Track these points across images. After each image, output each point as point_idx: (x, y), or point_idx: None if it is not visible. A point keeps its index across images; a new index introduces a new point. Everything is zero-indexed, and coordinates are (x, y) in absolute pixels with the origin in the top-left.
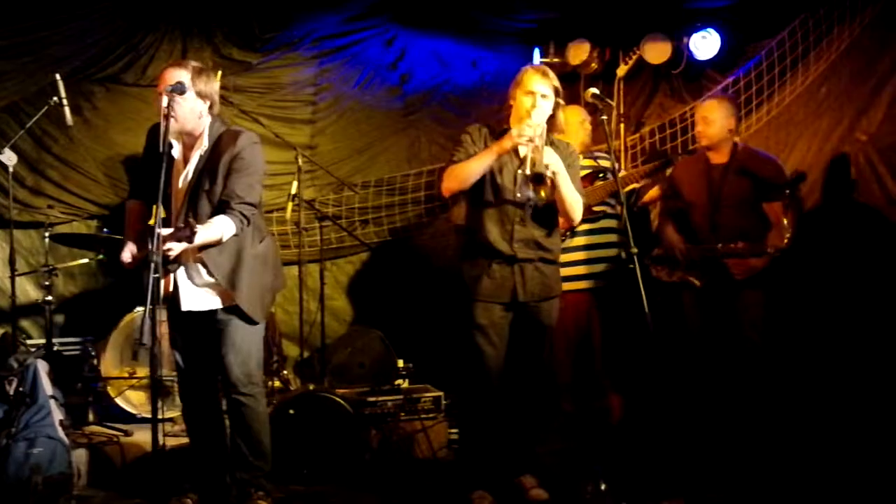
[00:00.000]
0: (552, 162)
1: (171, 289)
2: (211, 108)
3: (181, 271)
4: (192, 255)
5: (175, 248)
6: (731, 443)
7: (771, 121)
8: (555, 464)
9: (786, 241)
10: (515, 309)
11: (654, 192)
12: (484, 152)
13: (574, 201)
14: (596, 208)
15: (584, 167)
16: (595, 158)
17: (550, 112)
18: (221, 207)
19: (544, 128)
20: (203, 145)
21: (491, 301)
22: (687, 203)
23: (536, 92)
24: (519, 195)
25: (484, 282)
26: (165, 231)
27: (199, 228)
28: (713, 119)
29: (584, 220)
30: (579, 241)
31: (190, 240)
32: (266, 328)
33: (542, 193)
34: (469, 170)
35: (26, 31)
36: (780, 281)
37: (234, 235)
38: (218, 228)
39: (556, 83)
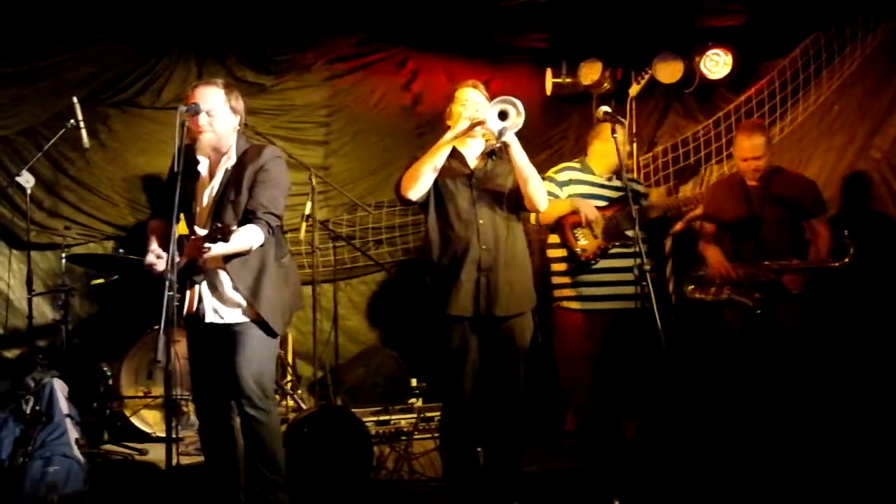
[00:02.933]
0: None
1: (195, 302)
2: (239, 123)
3: (205, 285)
4: (216, 265)
5: (213, 248)
6: (750, 459)
7: (784, 139)
8: (561, 485)
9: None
10: (483, 327)
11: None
12: (437, 144)
13: (534, 175)
14: (630, 233)
15: (616, 188)
16: (629, 182)
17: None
18: (247, 218)
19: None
20: (230, 159)
21: (460, 316)
22: (727, 225)
23: (471, 100)
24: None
25: (452, 294)
26: (201, 232)
27: (225, 244)
28: (764, 153)
29: (617, 245)
30: (610, 262)
31: (226, 238)
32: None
33: (517, 120)
34: (426, 159)
35: (43, 56)
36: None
37: (260, 246)
38: (247, 237)
39: (487, 95)
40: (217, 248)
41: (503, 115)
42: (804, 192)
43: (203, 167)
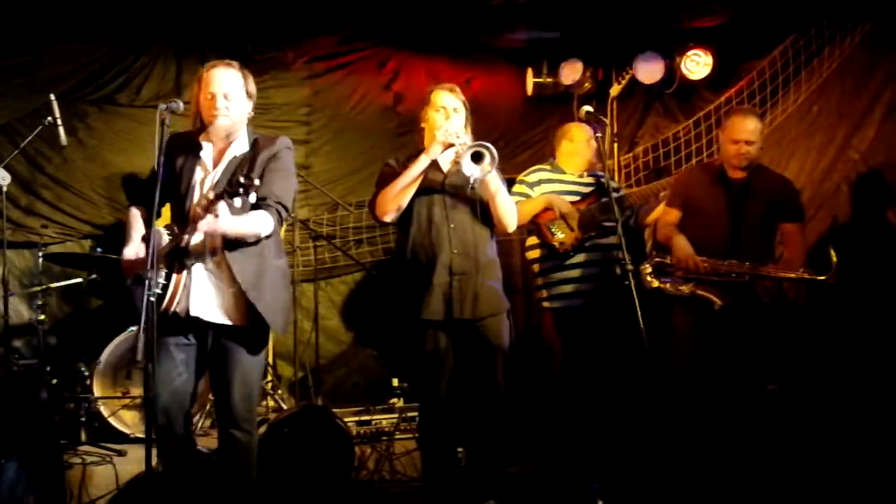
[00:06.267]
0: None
1: (178, 292)
2: (252, 109)
3: (198, 271)
4: (212, 247)
5: (223, 219)
6: (727, 461)
7: (764, 139)
8: (542, 485)
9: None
10: (458, 330)
11: (656, 212)
12: (411, 164)
13: (504, 197)
14: (609, 224)
15: (587, 184)
16: (598, 177)
17: (463, 126)
18: (258, 206)
19: (467, 135)
20: (240, 146)
21: (432, 320)
22: (700, 216)
23: (447, 106)
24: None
25: (424, 298)
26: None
27: (236, 218)
28: (756, 140)
29: (595, 236)
30: (587, 255)
31: (248, 191)
32: None
33: (488, 168)
34: (401, 184)
35: (21, 52)
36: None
37: (267, 237)
38: (259, 220)
39: (464, 98)
40: (227, 222)
41: (478, 157)
42: (788, 194)
43: (206, 154)
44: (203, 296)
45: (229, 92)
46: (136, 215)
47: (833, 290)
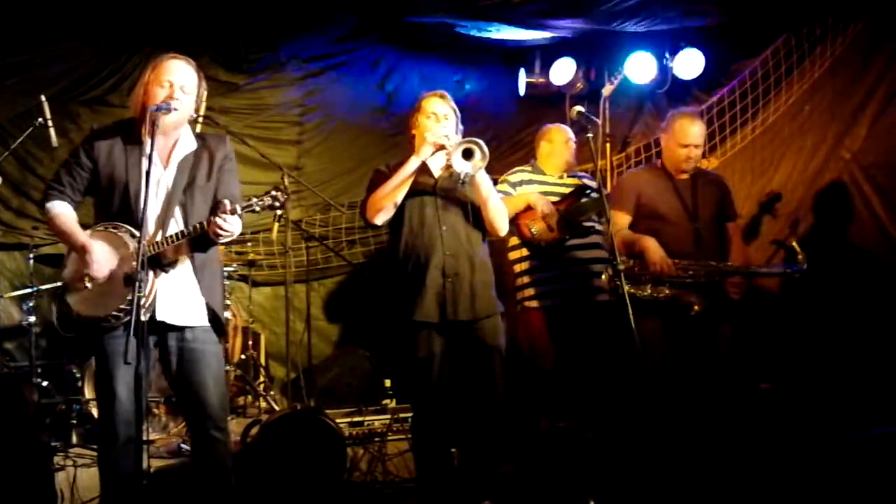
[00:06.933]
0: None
1: (152, 295)
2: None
3: (165, 276)
4: (179, 255)
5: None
6: (713, 465)
7: (756, 139)
8: (536, 484)
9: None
10: (452, 331)
11: None
12: (403, 166)
13: (496, 201)
14: (584, 223)
15: (568, 185)
16: (579, 178)
17: (454, 131)
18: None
19: (457, 137)
20: (188, 145)
21: (426, 322)
22: (658, 218)
23: (438, 112)
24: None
25: (417, 301)
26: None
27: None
28: (702, 143)
29: (574, 236)
30: (569, 255)
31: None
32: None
33: (479, 164)
34: (391, 185)
35: (12, 53)
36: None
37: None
38: (238, 224)
39: (454, 106)
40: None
41: (468, 154)
42: (727, 193)
43: (154, 153)
44: (171, 300)
45: (185, 85)
46: (67, 216)
47: (822, 285)
